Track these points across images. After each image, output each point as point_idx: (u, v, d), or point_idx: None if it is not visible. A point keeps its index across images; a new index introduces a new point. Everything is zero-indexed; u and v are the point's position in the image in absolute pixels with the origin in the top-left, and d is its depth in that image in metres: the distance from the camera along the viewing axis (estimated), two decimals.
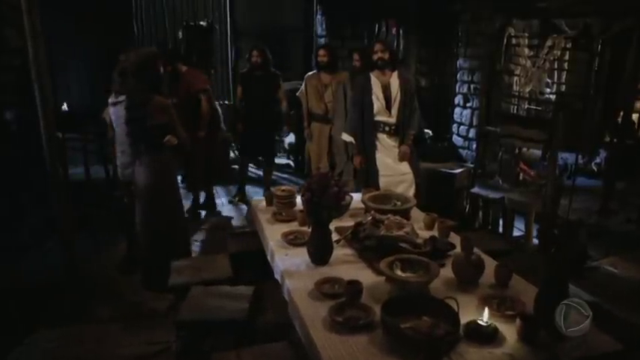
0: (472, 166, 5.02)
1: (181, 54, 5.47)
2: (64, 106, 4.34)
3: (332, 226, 2.93)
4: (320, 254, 2.55)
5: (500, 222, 4.48)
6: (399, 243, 2.57)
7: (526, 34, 4.52)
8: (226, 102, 8.23)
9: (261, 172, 7.30)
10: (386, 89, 3.96)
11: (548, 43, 4.29)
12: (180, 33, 7.04)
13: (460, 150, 5.53)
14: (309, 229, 2.58)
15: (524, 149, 4.69)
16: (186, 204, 4.75)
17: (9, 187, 3.63)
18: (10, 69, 3.49)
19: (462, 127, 5.52)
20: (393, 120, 3.99)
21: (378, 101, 3.96)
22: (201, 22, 7.13)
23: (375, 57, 3.92)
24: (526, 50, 4.50)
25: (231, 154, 7.72)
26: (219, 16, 7.70)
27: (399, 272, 2.30)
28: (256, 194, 5.72)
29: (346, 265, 2.53)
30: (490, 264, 2.44)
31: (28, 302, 3.13)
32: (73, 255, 3.12)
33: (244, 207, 5.53)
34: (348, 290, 2.12)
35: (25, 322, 2.94)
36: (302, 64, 8.30)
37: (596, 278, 3.24)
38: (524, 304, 2.07)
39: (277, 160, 7.81)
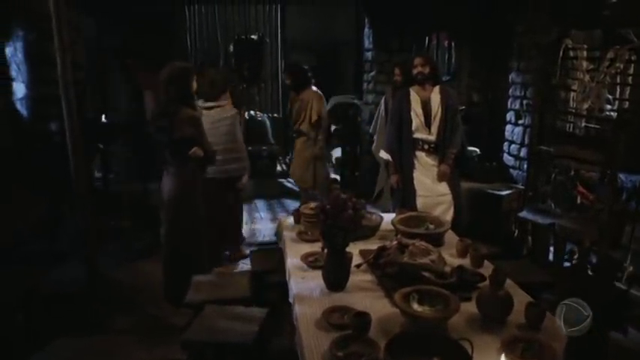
0: (522, 187, 4.66)
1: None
2: (103, 118, 4.49)
3: (356, 248, 2.81)
4: (335, 280, 2.40)
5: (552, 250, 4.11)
6: (421, 272, 2.38)
7: (585, 46, 4.15)
8: (275, 115, 8.32)
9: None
10: (426, 105, 3.76)
11: (610, 55, 3.91)
12: (231, 47, 7.20)
13: (511, 170, 5.16)
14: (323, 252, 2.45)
15: (583, 170, 4.29)
16: None
17: (51, 196, 3.77)
18: (53, 82, 3.62)
19: (513, 145, 5.16)
20: (432, 137, 3.78)
21: (417, 117, 3.77)
22: (252, 36, 7.25)
23: (415, 71, 3.74)
24: (584, 63, 4.13)
25: (278, 168, 7.78)
26: (269, 30, 7.79)
27: (415, 305, 2.11)
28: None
29: (363, 293, 2.37)
30: (523, 300, 2.19)
31: (56, 309, 3.21)
32: (94, 265, 3.16)
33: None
34: (354, 322, 1.96)
35: (51, 328, 3.00)
36: (353, 78, 8.23)
37: None
38: (554, 352, 1.80)
39: None
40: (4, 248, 3.35)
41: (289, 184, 7.24)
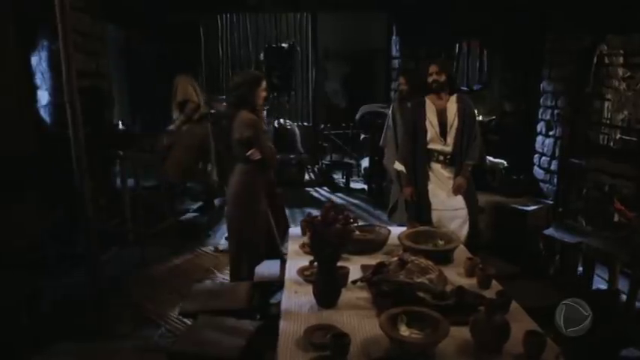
0: (551, 202, 4.37)
1: None
2: (120, 125, 4.60)
3: (359, 262, 2.71)
4: (324, 296, 2.30)
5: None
6: (417, 292, 2.24)
7: (621, 52, 3.86)
8: (305, 123, 8.30)
9: (333, 196, 7.14)
10: (441, 115, 3.59)
11: None
12: (261, 55, 7.26)
13: (541, 184, 4.86)
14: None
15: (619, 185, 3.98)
16: None
17: (68, 201, 3.86)
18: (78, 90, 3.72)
19: (543, 158, 4.87)
20: (448, 149, 3.60)
21: (432, 128, 3.60)
22: (283, 44, 7.28)
23: (430, 79, 3.57)
24: (620, 71, 3.84)
25: (306, 177, 7.73)
26: (301, 38, 7.79)
27: (402, 328, 1.97)
28: None
29: (354, 312, 2.25)
30: (527, 327, 2.00)
31: (61, 313, 3.29)
32: (97, 270, 3.20)
33: None
34: (332, 344, 1.85)
35: (53, 332, 3.06)
36: (385, 86, 8.09)
37: None
38: None
39: (353, 185, 7.63)
40: (20, 250, 3.44)
41: (315, 194, 7.18)
